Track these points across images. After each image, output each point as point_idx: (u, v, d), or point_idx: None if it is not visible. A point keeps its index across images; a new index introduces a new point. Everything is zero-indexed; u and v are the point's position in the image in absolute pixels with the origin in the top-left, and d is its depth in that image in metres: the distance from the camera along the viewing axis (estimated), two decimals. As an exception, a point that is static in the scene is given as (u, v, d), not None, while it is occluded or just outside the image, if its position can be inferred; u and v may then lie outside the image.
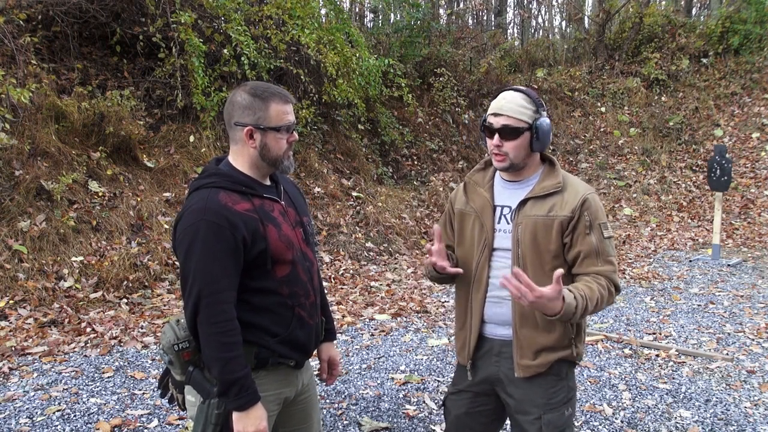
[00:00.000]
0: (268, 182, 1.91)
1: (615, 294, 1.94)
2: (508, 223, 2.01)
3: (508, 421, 2.16)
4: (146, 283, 5.81)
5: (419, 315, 5.66)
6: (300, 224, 1.93)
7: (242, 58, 7.46)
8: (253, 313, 1.79)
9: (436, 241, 2.00)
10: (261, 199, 1.82)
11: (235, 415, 1.71)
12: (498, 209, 2.04)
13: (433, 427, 3.43)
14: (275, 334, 1.82)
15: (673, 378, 4.17)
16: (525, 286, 1.72)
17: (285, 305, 1.83)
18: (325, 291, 2.15)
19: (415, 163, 10.33)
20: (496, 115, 1.95)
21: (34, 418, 3.46)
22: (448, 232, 2.19)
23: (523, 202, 1.98)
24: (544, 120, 1.94)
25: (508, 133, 1.93)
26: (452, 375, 2.24)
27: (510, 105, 1.94)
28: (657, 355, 4.61)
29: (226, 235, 1.71)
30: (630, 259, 8.19)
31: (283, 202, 1.91)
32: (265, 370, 1.83)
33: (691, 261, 7.99)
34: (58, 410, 3.56)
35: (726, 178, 7.91)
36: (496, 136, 1.95)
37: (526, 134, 1.94)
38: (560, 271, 1.74)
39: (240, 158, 1.85)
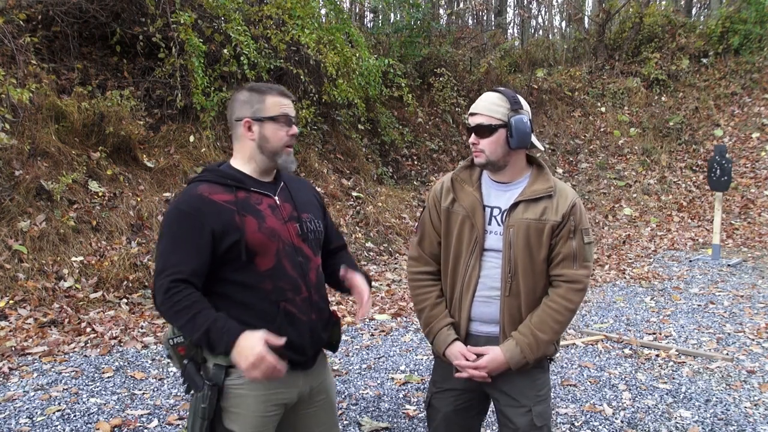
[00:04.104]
0: (267, 179, 1.92)
1: (577, 295, 2.00)
2: (499, 225, 2.02)
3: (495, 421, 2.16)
4: (146, 283, 5.81)
5: (419, 315, 5.65)
6: (296, 220, 1.91)
7: (242, 58, 7.46)
8: (236, 309, 1.77)
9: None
10: (247, 193, 1.85)
11: (232, 358, 1.68)
12: (488, 210, 2.05)
13: (433, 427, 3.43)
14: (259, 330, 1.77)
15: (673, 378, 4.17)
16: (474, 369, 2.00)
17: (268, 300, 1.81)
18: (329, 287, 2.11)
19: (415, 163, 10.34)
20: (472, 114, 2.03)
21: (34, 418, 3.46)
22: (436, 227, 2.15)
23: (514, 205, 2.00)
24: (520, 117, 1.96)
25: (483, 130, 1.99)
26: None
27: (484, 104, 2.01)
28: (657, 355, 4.61)
29: (192, 221, 1.75)
30: (630, 259, 8.19)
31: (276, 198, 1.90)
32: None
33: (691, 261, 7.99)
34: (58, 410, 3.55)
35: (726, 178, 7.91)
36: (473, 134, 2.02)
37: (501, 131, 1.98)
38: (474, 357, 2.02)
39: (239, 154, 1.90)
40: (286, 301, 1.83)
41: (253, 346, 1.65)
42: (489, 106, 1.99)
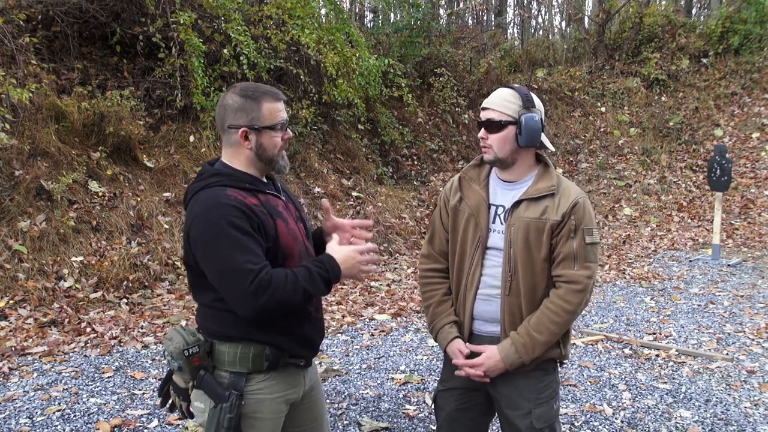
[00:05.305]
0: (266, 181, 1.92)
1: (576, 296, 1.95)
2: (502, 224, 2.03)
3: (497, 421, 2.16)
4: (146, 283, 5.81)
5: (419, 315, 5.65)
6: (300, 220, 1.94)
7: (242, 58, 7.46)
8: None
9: None
10: (265, 195, 1.82)
11: (344, 277, 1.81)
12: (493, 208, 2.06)
13: (433, 427, 3.43)
14: (286, 332, 1.80)
15: (673, 378, 4.17)
16: (471, 367, 2.00)
17: None
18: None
19: (415, 163, 10.33)
20: (484, 109, 2.03)
21: (34, 418, 3.46)
22: (445, 225, 2.17)
23: (516, 203, 2.00)
24: (531, 115, 1.96)
25: (493, 126, 1.99)
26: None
27: (496, 99, 2.01)
28: (657, 355, 4.61)
29: (244, 225, 1.69)
30: (630, 259, 8.19)
31: (283, 198, 1.91)
32: (276, 371, 1.82)
33: (691, 261, 7.99)
34: (58, 410, 3.56)
35: (726, 178, 7.91)
36: (483, 128, 2.02)
37: (510, 128, 1.98)
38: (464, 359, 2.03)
39: (236, 160, 1.83)
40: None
41: (351, 256, 1.81)
42: (501, 101, 1.99)
